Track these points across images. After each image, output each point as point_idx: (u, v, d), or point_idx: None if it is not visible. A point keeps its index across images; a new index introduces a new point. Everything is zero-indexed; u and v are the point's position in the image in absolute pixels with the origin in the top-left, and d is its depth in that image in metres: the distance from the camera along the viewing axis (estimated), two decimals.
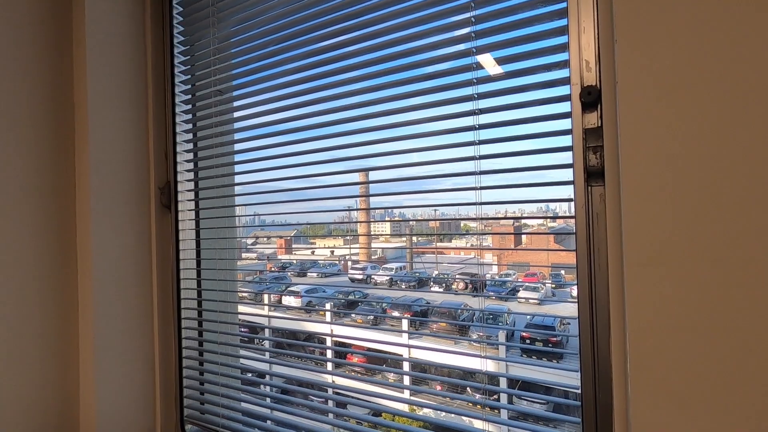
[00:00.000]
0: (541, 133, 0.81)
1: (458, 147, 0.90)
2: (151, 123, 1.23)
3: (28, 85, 1.04)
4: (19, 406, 1.03)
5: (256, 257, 1.92)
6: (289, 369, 1.22)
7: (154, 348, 1.23)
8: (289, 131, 1.12)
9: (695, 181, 0.59)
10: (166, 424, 1.24)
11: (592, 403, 0.77)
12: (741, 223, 0.57)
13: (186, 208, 1.29)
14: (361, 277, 6.45)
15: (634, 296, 0.63)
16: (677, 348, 0.60)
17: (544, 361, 2.70)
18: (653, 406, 0.62)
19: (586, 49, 0.75)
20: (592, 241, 0.76)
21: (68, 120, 1.12)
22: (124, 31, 1.17)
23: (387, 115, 0.98)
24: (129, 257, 1.18)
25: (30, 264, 1.05)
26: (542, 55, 0.81)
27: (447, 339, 5.02)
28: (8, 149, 1.01)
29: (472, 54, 0.87)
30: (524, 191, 0.86)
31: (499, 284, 5.99)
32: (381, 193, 1.04)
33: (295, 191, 1.14)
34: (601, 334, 0.75)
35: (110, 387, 1.13)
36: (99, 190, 1.11)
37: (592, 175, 0.75)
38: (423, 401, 1.29)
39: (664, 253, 0.61)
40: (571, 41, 0.76)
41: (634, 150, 0.62)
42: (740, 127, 0.57)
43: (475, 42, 0.87)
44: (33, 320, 1.05)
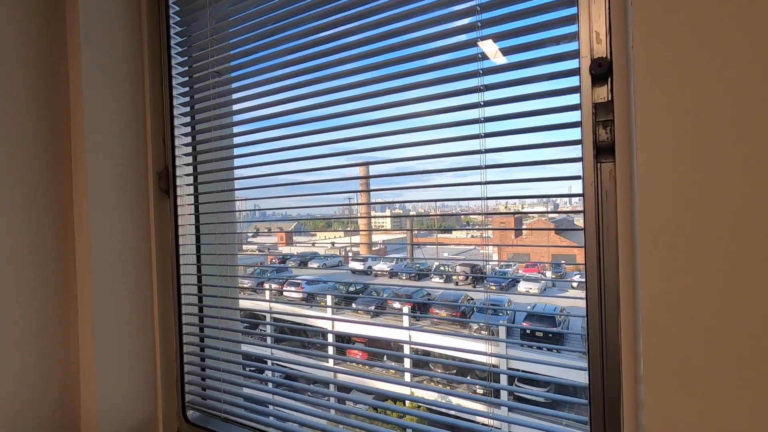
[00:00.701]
0: (549, 108, 0.79)
1: (464, 126, 0.88)
2: (148, 106, 1.20)
3: (20, 69, 1.02)
4: (19, 395, 1.01)
5: (257, 248, 1.91)
6: (292, 356, 1.21)
7: (154, 334, 1.22)
8: (290, 124, 1.10)
9: (717, 156, 0.56)
10: (167, 409, 1.23)
11: (599, 391, 0.75)
12: (764, 205, 0.54)
13: (185, 193, 1.27)
14: (362, 268, 6.46)
15: (648, 277, 0.61)
16: (694, 331, 0.58)
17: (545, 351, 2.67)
18: (668, 391, 0.60)
19: (597, 19, 0.72)
20: (601, 219, 0.74)
21: (63, 104, 1.09)
22: (118, 11, 1.14)
23: (393, 107, 0.95)
24: (128, 243, 1.16)
25: (27, 251, 1.03)
26: (550, 28, 0.79)
27: (448, 335, 5.01)
28: (1, 134, 0.99)
29: (478, 27, 0.84)
30: (530, 177, 0.84)
31: (500, 275, 6.00)
32: (384, 187, 1.03)
33: (296, 183, 1.13)
34: (610, 317, 0.73)
35: (111, 374, 1.12)
36: (96, 175, 1.09)
37: (601, 151, 0.73)
38: (425, 392, 1.27)
39: (681, 233, 0.59)
40: (580, 11, 0.73)
41: (650, 121, 0.60)
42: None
43: (481, 31, 0.84)
44: (31, 308, 1.03)
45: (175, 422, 1.25)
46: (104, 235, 1.10)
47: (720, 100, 0.56)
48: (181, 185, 1.26)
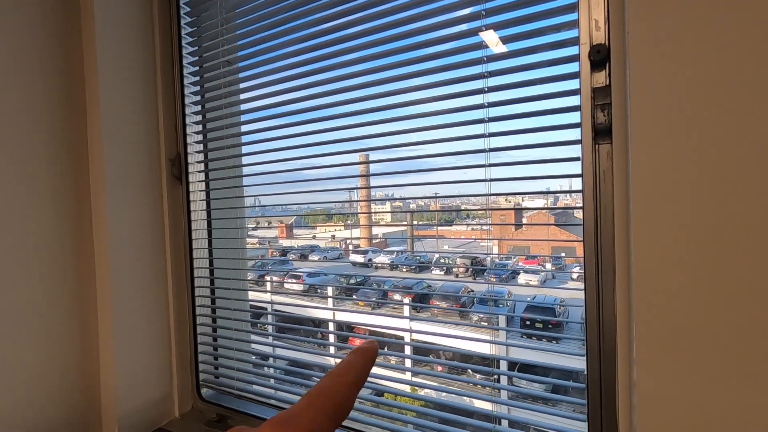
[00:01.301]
0: (550, 93, 0.83)
1: (468, 111, 0.92)
2: (161, 94, 1.24)
3: (38, 59, 1.05)
4: (44, 376, 1.06)
5: (258, 242, 1.94)
6: (296, 347, 1.25)
7: (169, 317, 1.27)
8: (295, 112, 1.14)
9: (708, 135, 0.60)
10: (182, 387, 1.28)
11: (596, 376, 0.79)
12: (757, 181, 0.58)
13: (196, 179, 1.30)
14: (363, 261, 6.50)
15: (640, 253, 0.65)
16: (686, 311, 0.62)
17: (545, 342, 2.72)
18: (658, 372, 0.64)
19: (596, 7, 0.76)
20: (598, 198, 0.78)
21: (79, 91, 1.12)
22: (131, 1, 1.18)
23: (399, 94, 0.98)
24: (143, 229, 1.20)
25: (48, 236, 1.07)
26: (552, 16, 0.82)
27: (449, 324, 5.06)
28: (20, 123, 1.02)
29: (482, 16, 0.88)
30: (532, 163, 0.87)
31: (500, 267, 6.04)
32: (388, 180, 1.06)
33: (299, 174, 1.16)
34: (606, 300, 0.77)
35: (128, 354, 1.16)
36: (112, 161, 1.13)
37: (599, 133, 0.77)
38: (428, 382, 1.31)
39: (673, 210, 0.63)
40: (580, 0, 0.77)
41: (643, 103, 0.64)
42: (762, 78, 0.58)
43: (486, 20, 0.88)
44: (54, 293, 1.08)
45: (190, 399, 1.31)
46: (121, 220, 1.15)
47: (711, 83, 0.60)
48: (193, 172, 1.30)
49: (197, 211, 1.30)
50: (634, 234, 0.65)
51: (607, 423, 0.77)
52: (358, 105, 1.04)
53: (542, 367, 1.02)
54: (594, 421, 0.78)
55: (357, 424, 1.06)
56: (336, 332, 2.07)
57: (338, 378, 0.29)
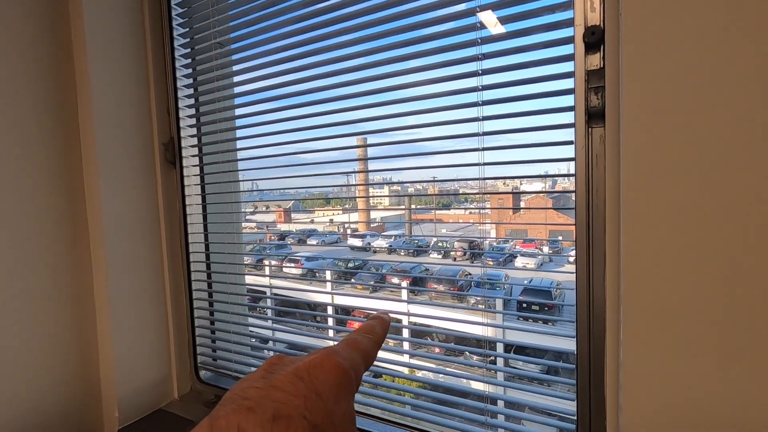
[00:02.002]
0: (544, 76, 0.82)
1: (462, 94, 0.91)
2: (152, 77, 1.22)
3: (24, 43, 1.03)
4: (43, 361, 1.08)
5: (256, 226, 1.94)
6: (294, 330, 1.27)
7: (166, 300, 1.28)
8: (287, 95, 1.12)
9: (698, 117, 0.60)
10: (181, 370, 1.30)
11: (586, 356, 0.80)
12: (748, 166, 0.58)
13: (190, 164, 1.30)
14: (361, 245, 6.54)
15: (629, 234, 0.66)
16: (671, 294, 0.63)
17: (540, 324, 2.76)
18: (643, 350, 0.66)
19: None
20: (591, 182, 0.78)
21: (69, 75, 1.11)
22: None
23: (393, 77, 0.97)
24: (137, 213, 1.20)
25: (43, 221, 1.07)
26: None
27: (446, 307, 5.10)
28: (9, 109, 1.01)
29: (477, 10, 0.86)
30: (527, 146, 0.87)
31: (497, 251, 6.09)
32: (383, 164, 1.06)
33: (294, 158, 1.16)
34: (597, 282, 0.78)
35: (126, 338, 1.18)
36: (104, 145, 1.12)
37: (592, 116, 0.76)
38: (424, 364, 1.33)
39: (662, 194, 0.63)
40: None
41: (635, 85, 0.63)
42: (757, 62, 0.58)
43: (480, 0, 0.86)
44: (49, 278, 1.08)
45: (189, 381, 1.33)
46: (115, 205, 1.14)
47: (704, 66, 0.60)
48: (187, 156, 1.29)
49: (192, 196, 1.30)
50: (624, 217, 0.66)
51: (595, 402, 0.79)
52: (352, 88, 1.03)
53: (536, 348, 1.04)
54: (582, 399, 0.80)
55: (356, 405, 1.08)
56: (334, 315, 2.10)
57: (364, 335, 0.33)
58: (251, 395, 0.25)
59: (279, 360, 0.30)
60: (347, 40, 1.02)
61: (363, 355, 0.31)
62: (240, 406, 0.24)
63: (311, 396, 0.26)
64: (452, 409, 0.99)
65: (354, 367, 0.29)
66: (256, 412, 0.24)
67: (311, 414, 0.25)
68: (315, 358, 0.28)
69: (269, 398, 0.25)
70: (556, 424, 0.89)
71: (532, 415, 0.93)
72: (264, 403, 0.24)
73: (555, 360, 1.11)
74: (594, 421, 0.79)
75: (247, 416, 0.23)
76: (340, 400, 0.27)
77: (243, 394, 0.26)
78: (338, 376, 0.27)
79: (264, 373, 0.28)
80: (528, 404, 0.94)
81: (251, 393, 0.26)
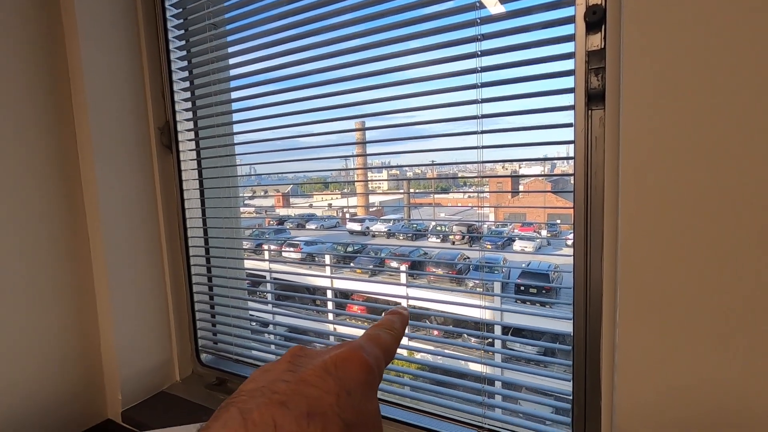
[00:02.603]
0: (543, 57, 0.81)
1: (461, 76, 0.90)
2: (145, 59, 1.20)
3: (16, 28, 1.01)
4: (43, 349, 1.09)
5: (255, 211, 1.93)
6: (294, 314, 1.28)
7: (165, 285, 1.28)
8: (283, 78, 1.10)
9: (700, 103, 0.60)
10: (182, 353, 1.32)
11: (582, 337, 0.81)
12: (747, 149, 0.58)
13: (187, 148, 1.29)
14: (360, 229, 6.54)
15: (626, 220, 0.66)
16: (668, 277, 0.64)
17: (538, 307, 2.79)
18: (638, 333, 0.66)
19: None
20: (589, 165, 0.78)
21: (61, 60, 1.09)
22: None
23: (391, 58, 0.96)
24: (134, 197, 1.20)
25: (39, 207, 1.06)
26: None
27: (445, 290, 5.14)
28: (6, 96, 1.00)
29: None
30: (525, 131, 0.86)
31: (495, 234, 6.11)
32: (381, 147, 1.04)
33: (291, 142, 1.15)
34: (594, 265, 0.78)
35: (127, 322, 1.19)
36: (99, 130, 1.11)
37: (592, 98, 0.75)
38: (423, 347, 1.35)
39: (660, 178, 0.63)
40: None
41: (636, 65, 0.62)
42: (757, 45, 0.57)
43: None
44: (47, 264, 1.08)
45: (190, 364, 1.35)
46: (111, 190, 1.14)
47: (707, 47, 0.59)
48: (183, 140, 1.28)
49: (189, 180, 1.30)
50: (622, 200, 0.66)
51: (591, 382, 0.80)
52: (350, 70, 1.01)
53: (533, 330, 1.05)
54: (578, 380, 0.82)
55: None
56: (333, 299, 2.12)
57: (385, 329, 0.33)
58: (281, 389, 0.24)
59: (302, 351, 0.29)
60: (345, 20, 1.00)
61: (384, 351, 0.31)
62: (271, 400, 0.23)
63: (342, 394, 0.25)
64: (450, 390, 1.00)
65: (377, 364, 0.29)
66: (289, 407, 0.23)
67: (344, 412, 0.24)
68: (342, 352, 0.28)
69: (301, 393, 0.24)
70: (552, 404, 0.90)
71: (529, 395, 0.95)
72: (296, 398, 0.24)
73: (552, 342, 1.12)
74: (589, 400, 0.81)
75: (281, 411, 0.23)
76: (369, 398, 0.27)
77: (272, 387, 0.25)
78: (365, 373, 0.27)
79: (289, 365, 0.27)
80: (525, 385, 0.96)
81: (281, 386, 0.25)
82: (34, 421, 1.07)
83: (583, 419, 0.82)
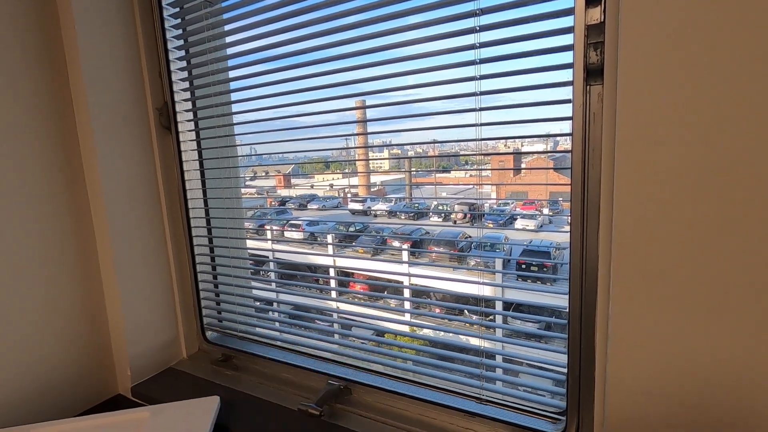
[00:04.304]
0: (542, 32, 0.80)
1: (460, 53, 0.89)
2: (141, 40, 1.19)
3: (10, 13, 1.00)
4: (54, 331, 1.12)
5: (256, 192, 1.94)
6: (296, 292, 1.30)
7: (169, 264, 1.30)
8: (280, 57, 1.09)
9: (697, 79, 0.59)
10: (188, 331, 1.35)
11: (577, 311, 0.82)
12: (742, 124, 0.58)
13: (186, 128, 1.29)
14: (362, 209, 6.56)
15: (622, 194, 0.66)
16: (661, 250, 0.65)
17: (539, 284, 2.82)
18: (631, 303, 0.68)
19: None
20: (588, 141, 0.78)
21: (57, 42, 1.08)
22: None
23: (389, 34, 0.94)
24: (136, 179, 1.20)
25: (42, 191, 1.08)
26: None
27: (446, 267, 5.20)
28: (3, 79, 0.99)
29: None
30: (524, 106, 0.86)
31: (497, 213, 6.12)
32: (380, 126, 1.04)
33: (291, 122, 1.14)
34: (591, 240, 0.79)
35: (134, 302, 1.21)
36: (98, 111, 1.11)
37: (591, 73, 0.75)
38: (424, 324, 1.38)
39: (655, 152, 0.63)
40: None
41: (633, 37, 0.62)
42: (756, 21, 0.56)
43: None
44: (52, 247, 1.10)
45: (196, 342, 1.38)
46: (112, 171, 1.15)
47: (705, 16, 0.58)
48: (182, 121, 1.28)
49: (189, 161, 1.30)
50: (617, 174, 0.66)
51: (586, 353, 0.82)
52: (349, 47, 1.00)
53: (532, 306, 1.07)
54: (573, 351, 0.84)
55: (360, 362, 1.13)
56: (336, 278, 2.15)
57: None
58: None
59: None
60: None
61: None
62: None
63: None
64: (450, 364, 1.03)
65: None
66: None
67: None
68: None
69: None
70: (548, 375, 0.93)
71: (525, 367, 0.98)
72: None
73: (550, 317, 1.14)
74: (584, 370, 0.83)
75: None
76: None
77: None
78: None
79: None
80: (521, 357, 0.98)
81: None
82: (50, 398, 1.11)
83: (578, 389, 0.84)
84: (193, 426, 0.94)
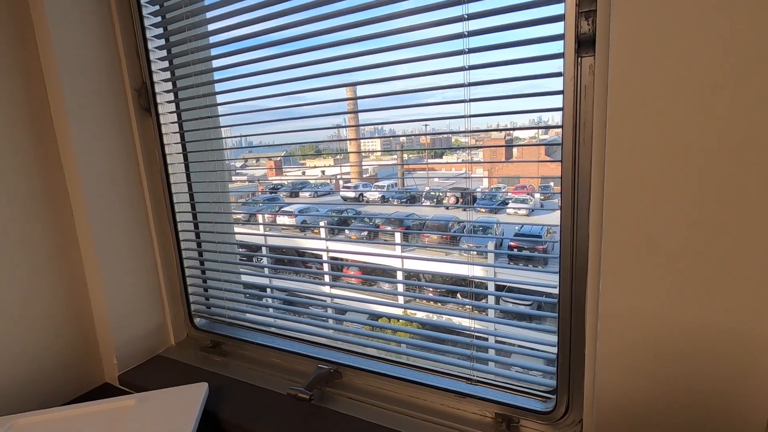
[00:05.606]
0: (532, 1, 0.77)
1: (448, 25, 0.85)
2: (116, 16, 1.14)
3: None
4: (36, 320, 1.09)
5: (247, 179, 1.90)
6: (286, 277, 1.28)
7: (154, 251, 1.27)
8: (270, 44, 1.05)
9: (691, 50, 0.57)
10: (175, 317, 1.33)
11: (568, 295, 0.82)
12: (736, 98, 0.56)
13: (166, 110, 1.24)
14: (354, 195, 6.51)
15: (612, 170, 0.65)
16: (650, 228, 0.64)
17: (530, 266, 2.83)
18: (621, 281, 0.67)
19: None
20: (578, 115, 0.76)
21: (26, 22, 1.03)
22: None
23: (378, 22, 0.90)
24: (115, 161, 1.16)
25: (17, 174, 1.03)
26: None
27: (438, 250, 5.20)
28: None
29: None
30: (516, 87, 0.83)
31: (489, 197, 6.12)
32: (369, 109, 1.00)
33: (280, 110, 1.10)
34: (581, 219, 0.78)
35: (117, 289, 1.19)
36: (71, 90, 1.06)
37: (582, 44, 0.72)
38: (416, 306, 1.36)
39: (647, 127, 0.62)
40: None
41: (626, 5, 0.60)
42: None
43: None
44: (32, 234, 1.07)
45: (184, 328, 1.36)
46: (89, 152, 1.10)
47: None
48: (162, 103, 1.23)
49: (171, 144, 1.26)
50: (609, 148, 0.65)
51: (576, 331, 0.82)
52: (337, 35, 0.96)
53: (522, 286, 1.06)
54: (563, 330, 0.83)
55: (355, 347, 1.12)
56: (329, 261, 2.14)
57: None
58: None
59: None
60: None
61: None
62: None
63: None
64: (440, 345, 1.02)
65: None
66: None
67: None
68: None
69: None
70: (538, 354, 0.92)
71: (516, 348, 0.97)
72: None
73: (541, 297, 1.14)
74: (574, 349, 0.82)
75: None
76: None
77: None
78: None
79: None
80: (512, 337, 0.97)
81: None
82: (35, 387, 1.09)
83: (568, 367, 0.84)
84: (181, 413, 0.92)
